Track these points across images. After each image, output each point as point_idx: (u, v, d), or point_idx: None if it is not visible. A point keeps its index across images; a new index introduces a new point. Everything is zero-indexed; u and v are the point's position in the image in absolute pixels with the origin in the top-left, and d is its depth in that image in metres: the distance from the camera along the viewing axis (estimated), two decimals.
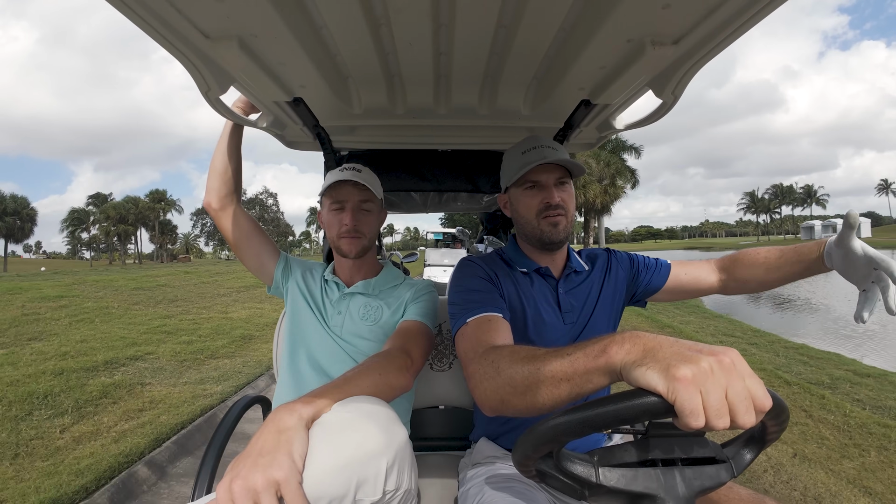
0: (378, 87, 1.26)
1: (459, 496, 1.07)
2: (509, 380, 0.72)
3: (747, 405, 0.49)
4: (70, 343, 5.00)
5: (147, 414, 3.34)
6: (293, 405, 0.68)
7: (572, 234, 3.32)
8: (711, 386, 0.48)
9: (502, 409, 0.74)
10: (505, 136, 1.68)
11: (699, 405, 0.48)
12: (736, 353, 0.52)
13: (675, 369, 0.49)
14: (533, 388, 0.67)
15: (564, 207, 1.07)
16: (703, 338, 6.11)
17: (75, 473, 2.47)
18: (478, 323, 0.94)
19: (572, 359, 0.62)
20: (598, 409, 0.52)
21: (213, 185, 1.30)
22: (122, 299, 7.82)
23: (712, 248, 75.33)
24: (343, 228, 1.21)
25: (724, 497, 0.83)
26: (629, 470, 0.58)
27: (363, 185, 1.19)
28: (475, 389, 0.80)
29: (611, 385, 0.61)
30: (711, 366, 0.49)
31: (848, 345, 6.68)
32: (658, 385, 0.50)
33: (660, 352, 0.53)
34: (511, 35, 0.98)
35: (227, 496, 0.56)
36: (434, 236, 14.65)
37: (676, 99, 1.09)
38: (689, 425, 0.48)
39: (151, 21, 0.77)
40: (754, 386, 0.50)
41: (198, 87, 1.00)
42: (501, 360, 0.76)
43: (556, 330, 1.09)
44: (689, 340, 0.56)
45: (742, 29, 0.81)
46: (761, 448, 0.65)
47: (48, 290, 7.73)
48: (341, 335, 1.21)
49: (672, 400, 0.49)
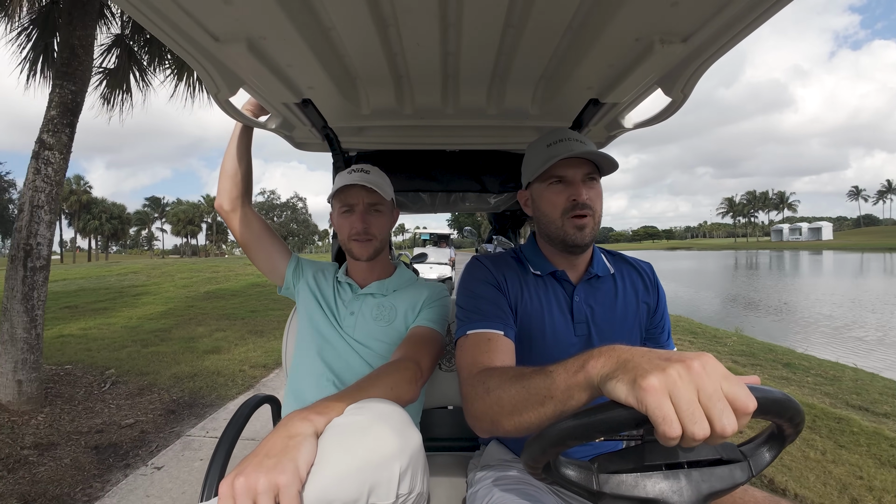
0: (386, 88, 1.26)
1: (468, 497, 1.07)
2: (497, 400, 0.72)
3: (722, 407, 0.48)
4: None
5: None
6: (307, 413, 0.69)
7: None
8: (681, 392, 0.48)
9: (494, 429, 0.74)
10: (513, 136, 1.67)
11: (670, 412, 0.47)
12: (709, 356, 0.51)
13: (642, 379, 0.49)
14: (519, 407, 0.67)
15: (592, 207, 0.99)
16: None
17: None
18: (477, 339, 0.92)
19: (554, 376, 0.62)
20: (572, 421, 0.53)
21: (223, 187, 1.31)
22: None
23: (677, 248, 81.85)
24: (353, 231, 1.21)
25: (740, 500, 0.82)
26: (630, 476, 0.57)
27: (371, 187, 1.19)
28: (467, 411, 0.80)
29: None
30: (679, 372, 0.49)
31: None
32: (627, 396, 0.50)
33: (630, 363, 0.53)
34: (519, 35, 0.97)
35: (229, 492, 0.57)
36: (422, 236, 16.28)
37: (686, 97, 1.08)
38: (666, 434, 0.47)
39: (161, 24, 0.78)
40: (731, 388, 0.49)
41: (207, 89, 1.01)
42: (491, 380, 0.76)
43: (567, 339, 1.03)
44: (666, 350, 0.55)
45: (751, 26, 0.80)
46: (782, 447, 0.63)
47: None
48: (354, 336, 1.21)
49: (643, 410, 0.48)
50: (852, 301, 13.18)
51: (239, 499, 0.56)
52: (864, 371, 4.85)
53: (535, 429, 0.65)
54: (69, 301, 9.00)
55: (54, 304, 8.33)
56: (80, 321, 7.00)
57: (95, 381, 4.01)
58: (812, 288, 17.50)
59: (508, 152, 1.82)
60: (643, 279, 1.13)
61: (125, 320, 7.15)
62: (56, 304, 8.37)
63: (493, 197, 2.09)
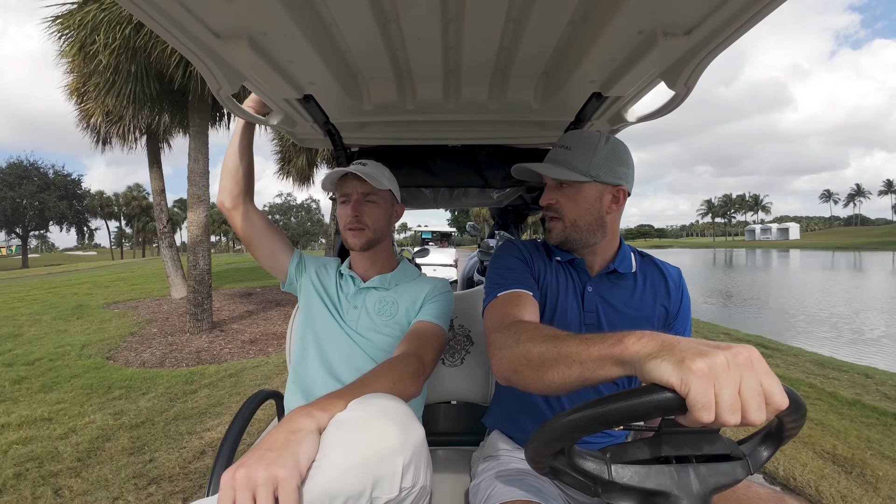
0: (388, 83, 1.26)
1: (471, 489, 1.08)
2: (526, 352, 0.73)
3: (759, 402, 0.49)
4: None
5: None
6: (310, 409, 0.70)
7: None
8: (725, 380, 0.48)
9: (514, 379, 0.76)
10: (515, 130, 1.67)
11: (711, 399, 0.48)
12: (754, 349, 0.51)
13: (691, 361, 0.49)
14: (546, 364, 0.68)
15: (558, 210, 1.06)
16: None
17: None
18: (507, 297, 0.96)
19: (589, 343, 0.63)
20: (609, 405, 0.52)
21: (225, 184, 1.31)
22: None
23: (659, 247, 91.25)
24: (347, 221, 1.23)
25: (743, 495, 0.82)
26: (642, 467, 0.58)
27: (362, 176, 1.19)
28: (493, 356, 0.82)
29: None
30: (727, 360, 0.49)
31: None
32: (671, 377, 0.50)
33: (677, 346, 0.53)
34: (520, 29, 0.97)
35: (230, 483, 0.58)
36: (423, 235, 14.52)
37: (689, 90, 1.07)
38: (699, 419, 0.48)
39: (162, 21, 0.78)
40: (770, 384, 0.50)
41: (209, 86, 1.01)
42: (523, 332, 0.78)
43: (574, 326, 1.07)
44: (709, 341, 0.55)
45: (755, 18, 0.80)
46: (779, 445, 0.64)
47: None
48: (356, 329, 1.21)
49: (685, 393, 0.48)
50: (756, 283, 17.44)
51: (239, 490, 0.57)
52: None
53: (555, 388, 0.67)
54: (233, 276, 14.15)
55: (221, 281, 12.51)
56: (244, 282, 12.02)
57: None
58: (738, 277, 21.33)
59: (511, 147, 1.81)
60: (666, 283, 1.13)
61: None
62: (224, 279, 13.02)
63: (496, 192, 2.09)
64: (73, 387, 4.14)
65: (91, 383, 4.24)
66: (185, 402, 3.72)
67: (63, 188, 49.10)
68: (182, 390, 4.03)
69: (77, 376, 4.47)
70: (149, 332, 6.37)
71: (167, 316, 7.48)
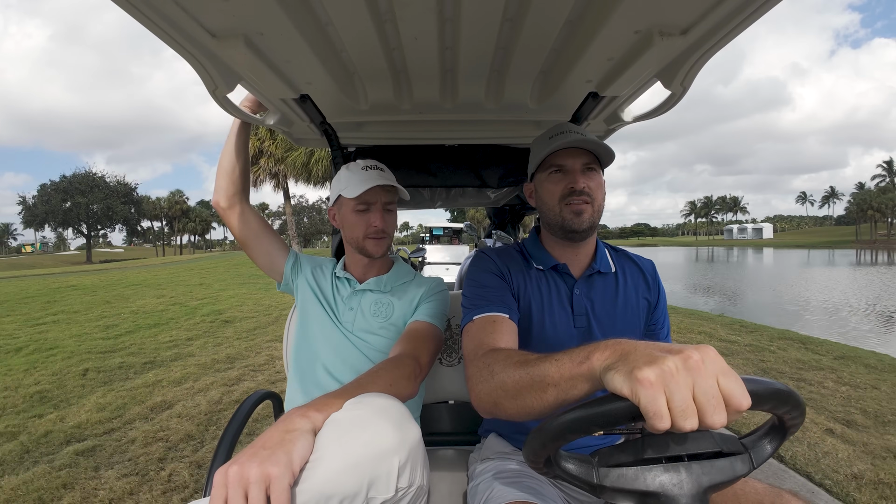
0: (384, 83, 1.26)
1: (469, 490, 1.08)
2: (501, 384, 0.73)
3: (716, 404, 0.48)
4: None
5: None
6: (305, 409, 0.70)
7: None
8: (675, 386, 0.48)
9: (495, 411, 0.75)
10: (512, 130, 1.67)
11: (662, 406, 0.47)
12: (710, 349, 0.51)
13: (638, 371, 0.49)
14: (523, 392, 0.68)
15: (590, 195, 1.01)
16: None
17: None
18: (483, 322, 0.94)
19: (559, 364, 0.63)
20: (571, 415, 0.54)
21: (221, 184, 1.31)
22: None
23: (645, 245, 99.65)
24: (371, 230, 1.21)
25: (740, 491, 0.82)
26: (630, 469, 0.57)
27: (391, 186, 1.20)
28: (471, 391, 0.81)
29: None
30: (676, 365, 0.48)
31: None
32: (623, 388, 0.50)
33: (631, 355, 0.53)
34: (517, 28, 0.97)
35: (223, 480, 0.58)
36: (434, 231, 13.05)
37: (685, 90, 1.08)
38: (654, 427, 0.48)
39: (157, 21, 0.78)
40: (728, 384, 0.49)
41: (205, 86, 1.01)
42: (496, 363, 0.77)
43: (566, 332, 1.05)
44: (669, 343, 0.55)
45: (751, 18, 0.80)
46: (783, 438, 0.63)
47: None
48: (353, 331, 1.21)
49: (637, 402, 0.48)
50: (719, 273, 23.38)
51: (231, 487, 0.57)
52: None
53: (536, 414, 0.66)
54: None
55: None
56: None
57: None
58: (702, 270, 27.25)
59: (508, 147, 1.81)
60: (644, 276, 1.15)
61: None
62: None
63: (493, 192, 2.09)
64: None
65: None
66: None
67: (125, 195, 60.07)
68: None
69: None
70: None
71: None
